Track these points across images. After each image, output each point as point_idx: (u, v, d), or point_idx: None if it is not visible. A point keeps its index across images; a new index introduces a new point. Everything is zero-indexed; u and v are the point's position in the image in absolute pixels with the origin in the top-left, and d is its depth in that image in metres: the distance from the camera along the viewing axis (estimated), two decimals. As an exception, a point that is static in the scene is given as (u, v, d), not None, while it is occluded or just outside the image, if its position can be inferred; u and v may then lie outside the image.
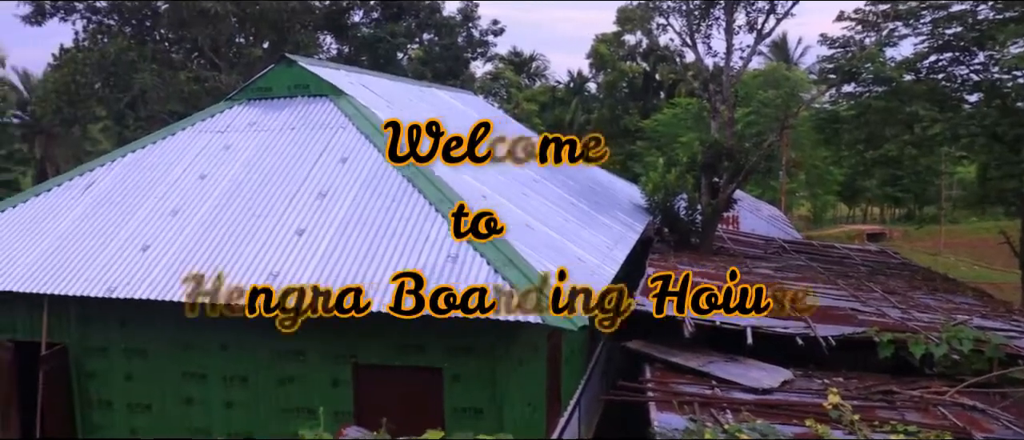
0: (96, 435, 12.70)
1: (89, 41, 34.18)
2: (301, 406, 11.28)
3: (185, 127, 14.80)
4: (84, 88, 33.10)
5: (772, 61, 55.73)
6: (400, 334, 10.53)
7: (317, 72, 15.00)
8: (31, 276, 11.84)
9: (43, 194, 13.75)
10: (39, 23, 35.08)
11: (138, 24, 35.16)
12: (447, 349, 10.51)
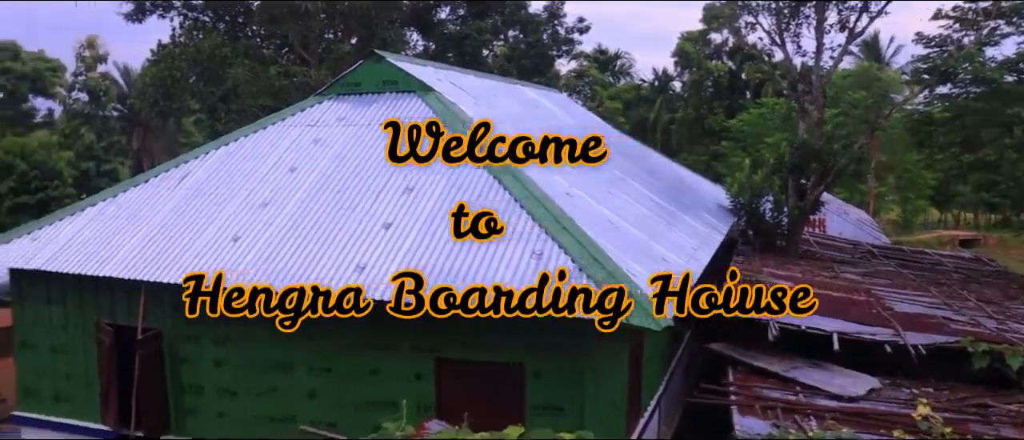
0: (187, 418, 13.08)
1: (185, 37, 35.15)
2: (384, 399, 11.39)
3: (276, 121, 15.12)
4: (180, 82, 34.09)
5: (863, 61, 54.32)
6: (483, 329, 10.57)
7: (405, 68, 15.18)
8: (130, 263, 12.26)
9: (141, 185, 14.21)
10: (139, 20, 36.25)
11: (231, 20, 36.04)
12: (529, 345, 10.52)
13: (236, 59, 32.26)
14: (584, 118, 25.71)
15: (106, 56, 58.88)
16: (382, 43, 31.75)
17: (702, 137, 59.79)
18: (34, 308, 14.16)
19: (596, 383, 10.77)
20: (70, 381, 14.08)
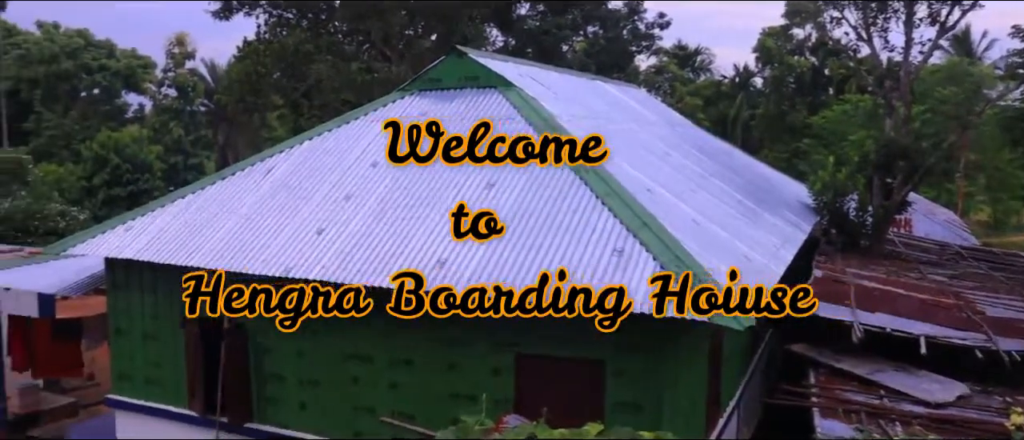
0: (269, 406, 13.38)
1: (270, 34, 35.90)
2: (463, 392, 11.47)
3: (359, 116, 15.32)
4: (264, 78, 34.82)
5: (953, 55, 52.77)
6: (563, 326, 10.57)
7: (486, 64, 15.24)
8: (217, 254, 12.56)
9: (228, 178, 14.55)
10: (227, 17, 37.14)
11: (314, 17, 36.65)
12: (610, 343, 10.48)
13: (319, 55, 32.81)
14: (665, 114, 25.50)
15: (194, 53, 60.65)
16: (462, 39, 31.97)
17: (783, 134, 58.80)
18: (127, 296, 14.64)
19: (676, 382, 10.69)
20: (160, 367, 14.53)
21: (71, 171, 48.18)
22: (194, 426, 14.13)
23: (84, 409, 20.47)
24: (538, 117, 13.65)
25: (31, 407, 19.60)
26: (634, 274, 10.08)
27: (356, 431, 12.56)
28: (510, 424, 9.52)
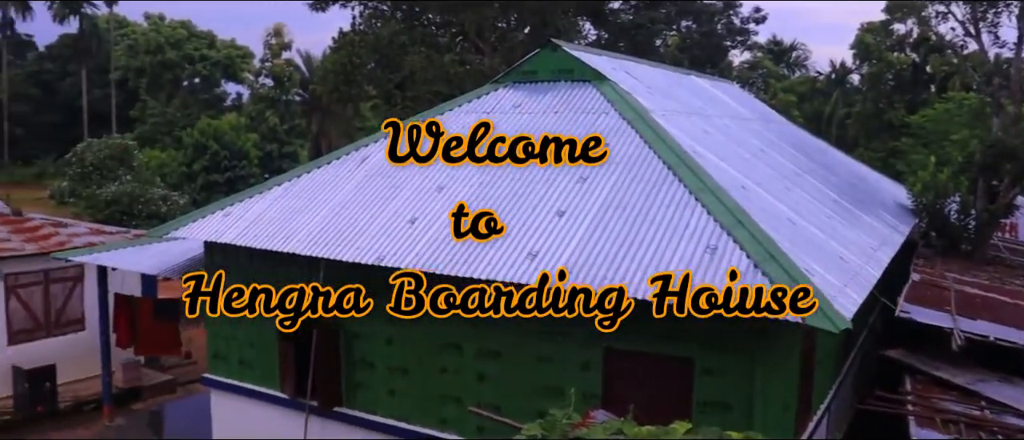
0: (358, 392, 13.60)
1: (365, 25, 36.40)
2: (551, 385, 11.49)
3: (453, 107, 15.42)
4: (358, 69, 35.30)
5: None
6: (653, 322, 10.47)
7: (581, 57, 15.19)
8: (311, 241, 12.81)
9: (324, 166, 14.81)
10: (323, 9, 37.83)
11: (409, 9, 37.03)
12: (701, 341, 10.36)
13: (413, 47, 33.14)
14: (760, 110, 25.06)
15: (290, 44, 61.88)
16: (555, 32, 31.91)
17: (880, 132, 57.16)
18: (225, 279, 15.03)
19: (766, 383, 10.48)
20: (254, 349, 14.90)
21: (173, 157, 49.75)
22: (285, 408, 14.46)
23: (181, 386, 21.20)
24: (632, 111, 13.56)
25: (133, 382, 20.36)
26: (726, 272, 9.93)
27: (442, 420, 12.68)
28: (597, 419, 9.48)
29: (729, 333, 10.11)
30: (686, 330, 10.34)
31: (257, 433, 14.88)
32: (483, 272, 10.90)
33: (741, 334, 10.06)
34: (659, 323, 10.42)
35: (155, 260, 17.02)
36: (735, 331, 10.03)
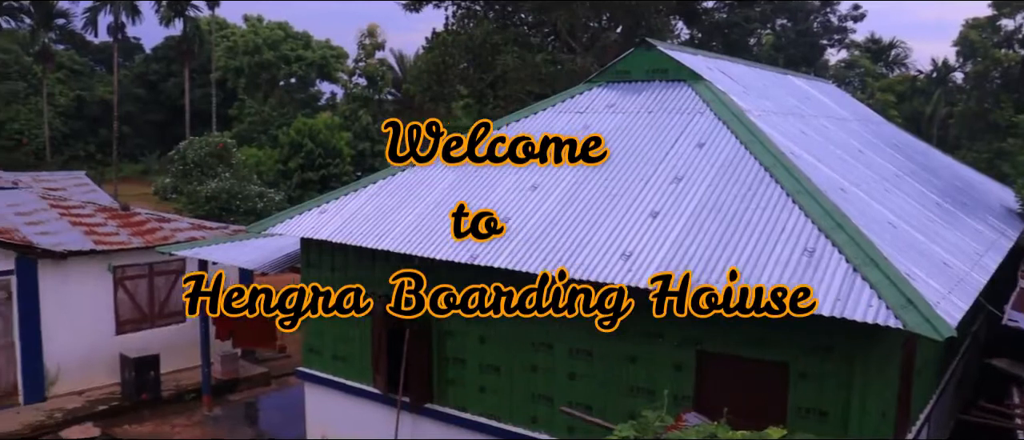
0: (449, 388, 13.72)
1: (458, 25, 36.70)
2: (642, 386, 11.43)
3: (546, 107, 15.44)
4: (451, 68, 35.64)
5: None
6: (748, 324, 10.31)
7: (675, 57, 15.04)
8: (405, 238, 12.97)
9: (417, 165, 14.98)
10: (417, 10, 38.26)
11: (501, 8, 37.21)
12: (797, 345, 10.14)
13: (505, 46, 33.27)
14: (857, 110, 24.44)
15: (383, 44, 62.66)
16: (648, 31, 31.68)
17: (984, 133, 55.01)
18: (319, 275, 15.36)
19: (864, 390, 10.21)
20: (347, 344, 15.16)
21: (269, 155, 50.91)
22: (376, 403, 14.68)
23: (275, 379, 21.69)
24: (728, 111, 13.37)
25: (230, 374, 20.93)
26: (825, 275, 9.72)
27: (532, 419, 12.71)
28: (689, 422, 9.41)
29: (826, 338, 9.88)
30: (782, 333, 10.16)
31: (349, 427, 15.15)
32: (577, 272, 10.88)
33: (838, 340, 9.83)
34: (754, 326, 10.27)
35: (253, 255, 17.46)
36: (833, 337, 9.80)
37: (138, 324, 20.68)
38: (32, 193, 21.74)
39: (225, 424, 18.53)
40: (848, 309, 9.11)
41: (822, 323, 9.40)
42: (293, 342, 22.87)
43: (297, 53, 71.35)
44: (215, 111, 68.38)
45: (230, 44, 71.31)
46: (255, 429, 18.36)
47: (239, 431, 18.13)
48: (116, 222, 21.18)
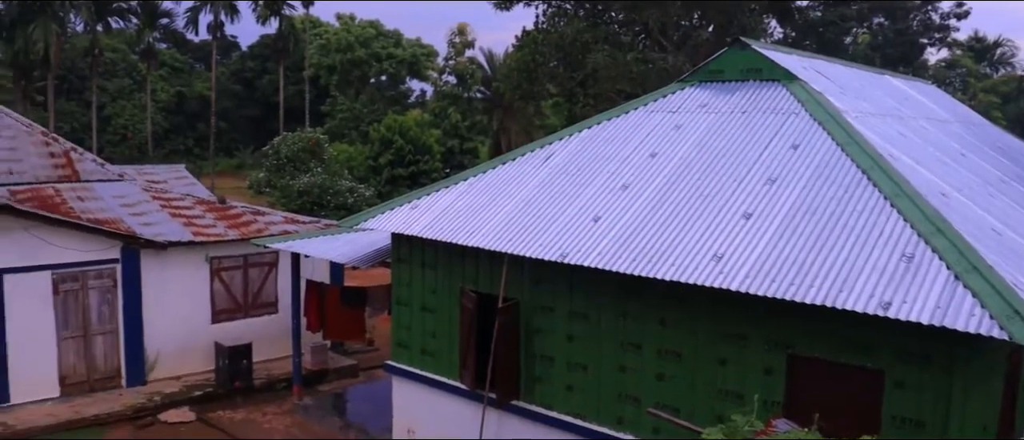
0: (536, 386, 13.76)
1: (548, 24, 36.69)
2: (731, 390, 11.28)
3: (637, 106, 15.34)
4: (541, 67, 35.67)
5: None
6: (843, 329, 10.09)
7: (770, 56, 14.78)
8: (496, 235, 13.06)
9: (508, 163, 15.06)
10: (507, 8, 38.41)
11: (592, 7, 37.07)
12: (895, 352, 9.88)
13: (596, 45, 33.15)
14: (960, 112, 23.65)
15: (473, 42, 63.16)
16: (740, 30, 31.21)
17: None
18: (410, 270, 15.57)
19: (965, 401, 9.89)
20: (435, 339, 15.33)
21: (360, 151, 51.82)
22: (463, 398, 14.80)
23: (364, 371, 22.06)
24: (824, 112, 13.10)
25: (320, 365, 21.37)
26: (924, 281, 9.45)
27: (619, 419, 12.66)
28: (780, 428, 9.26)
29: (925, 346, 9.61)
30: (878, 340, 9.93)
31: (435, 421, 15.33)
32: (667, 273, 10.81)
33: (939, 348, 9.55)
34: (849, 331, 10.06)
35: (344, 249, 17.78)
36: (932, 344, 9.53)
37: (232, 314, 21.27)
38: (136, 185, 22.54)
39: (314, 413, 18.91)
40: (949, 318, 8.85)
41: (921, 331, 9.16)
42: (381, 336, 23.23)
43: (388, 51, 72.46)
44: (308, 107, 69.90)
45: (323, 42, 72.82)
46: (343, 419, 18.70)
47: (328, 421, 18.49)
48: (213, 214, 21.82)
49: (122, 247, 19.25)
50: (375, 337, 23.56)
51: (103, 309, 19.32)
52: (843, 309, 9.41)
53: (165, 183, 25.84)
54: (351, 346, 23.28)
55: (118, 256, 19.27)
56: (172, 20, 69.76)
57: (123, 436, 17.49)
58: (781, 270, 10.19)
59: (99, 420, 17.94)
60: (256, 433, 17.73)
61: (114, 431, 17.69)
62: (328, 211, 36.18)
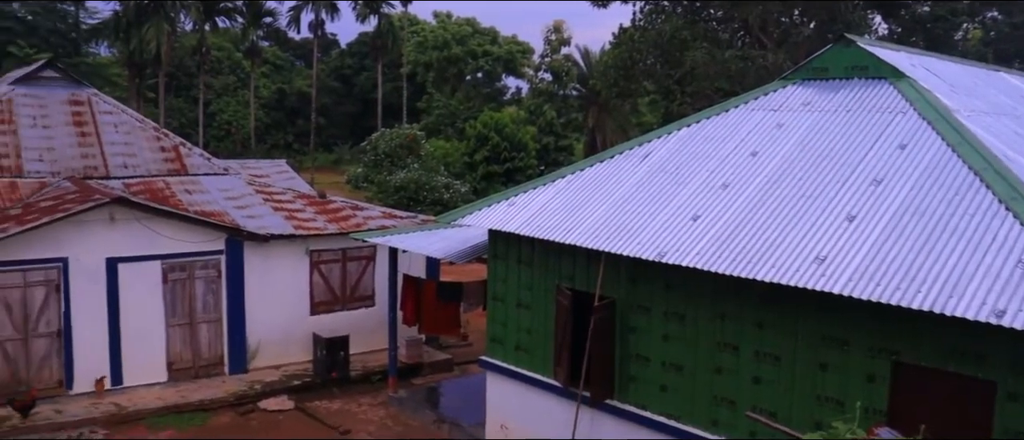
0: (631, 385, 13.67)
1: (645, 21, 36.47)
2: (831, 396, 11.00)
3: (738, 104, 15.10)
4: (638, 64, 35.48)
5: None
6: (952, 337, 9.75)
7: (876, 53, 14.36)
8: (592, 234, 13.03)
9: (606, 161, 14.99)
10: (604, 5, 38.34)
11: (690, 4, 36.71)
12: (1009, 363, 9.47)
13: (694, 42, 32.80)
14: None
15: (569, 39, 63.21)
16: (844, 26, 30.45)
17: None
18: (506, 266, 15.65)
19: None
20: (530, 336, 15.36)
21: (455, 147, 52.23)
22: (556, 396, 14.80)
23: (457, 366, 22.23)
24: (933, 111, 12.66)
25: (415, 358, 21.63)
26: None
27: (714, 421, 12.48)
28: (882, 436, 9.01)
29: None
30: (990, 349, 9.55)
31: (528, 417, 15.37)
32: (767, 275, 10.61)
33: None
34: (958, 339, 9.71)
35: (441, 244, 17.95)
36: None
37: (330, 306, 21.68)
38: (240, 179, 23.19)
39: (408, 406, 19.14)
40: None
41: (1037, 341, 8.79)
42: (474, 331, 23.39)
43: (484, 48, 72.97)
44: (405, 104, 70.86)
45: (420, 39, 73.77)
46: (436, 413, 18.87)
47: (421, 414, 18.70)
48: (313, 208, 22.29)
49: (226, 239, 19.83)
50: (469, 332, 23.73)
51: (208, 298, 19.94)
52: (952, 316, 9.09)
53: (267, 177, 26.49)
54: (445, 340, 23.49)
55: (223, 247, 19.85)
56: (275, 19, 71.66)
57: (226, 421, 18.01)
58: (887, 274, 9.89)
59: (203, 405, 18.53)
60: (352, 423, 18.05)
61: (218, 416, 18.24)
62: (424, 206, 36.61)
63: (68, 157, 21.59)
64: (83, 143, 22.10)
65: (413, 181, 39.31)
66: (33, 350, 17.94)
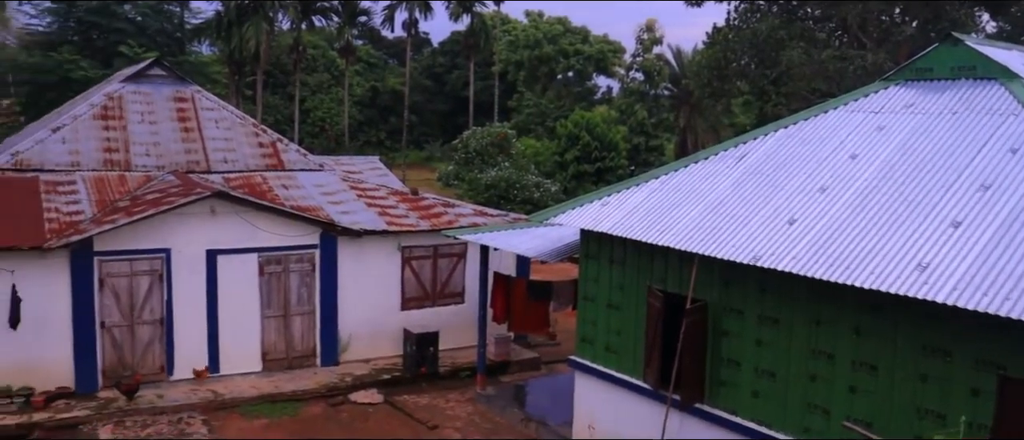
0: (721, 390, 13.49)
1: (740, 20, 35.91)
2: (931, 408, 10.64)
3: (837, 106, 14.75)
4: (732, 64, 34.96)
5: None
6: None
7: (985, 52, 13.83)
8: (686, 236, 12.91)
9: (701, 162, 14.83)
10: (698, 5, 37.87)
11: (786, 3, 36.00)
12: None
13: (790, 42, 32.16)
14: None
15: (661, 38, 62.64)
16: (948, 24, 29.48)
17: None
18: (598, 266, 15.61)
19: None
20: (620, 336, 15.30)
21: (546, 146, 52.25)
22: (645, 398, 14.70)
23: (545, 365, 22.25)
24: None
25: (503, 356, 21.73)
26: None
27: (806, 429, 12.23)
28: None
29: None
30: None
31: (615, 418, 15.31)
32: (866, 281, 10.35)
33: None
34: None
35: (532, 243, 17.98)
36: None
37: (420, 302, 21.94)
38: (334, 175, 23.63)
39: (496, 403, 19.24)
40: None
41: None
42: (563, 330, 23.37)
43: (575, 47, 72.81)
44: (496, 103, 71.18)
45: (512, 38, 74.01)
46: (524, 411, 18.92)
47: (509, 412, 18.77)
48: (406, 205, 22.57)
49: (321, 233, 20.25)
50: (557, 331, 23.73)
51: (302, 291, 20.39)
52: (1065, 328, 8.74)
53: (361, 174, 26.93)
54: (534, 339, 23.54)
55: (317, 242, 20.27)
56: (370, 18, 72.83)
57: (317, 412, 18.38)
58: (994, 283, 9.55)
59: (296, 396, 18.96)
60: (440, 419, 18.23)
61: (309, 407, 18.63)
62: (514, 205, 36.72)
63: (172, 152, 22.34)
64: (186, 138, 22.84)
65: (503, 179, 39.47)
66: (138, 336, 18.68)
